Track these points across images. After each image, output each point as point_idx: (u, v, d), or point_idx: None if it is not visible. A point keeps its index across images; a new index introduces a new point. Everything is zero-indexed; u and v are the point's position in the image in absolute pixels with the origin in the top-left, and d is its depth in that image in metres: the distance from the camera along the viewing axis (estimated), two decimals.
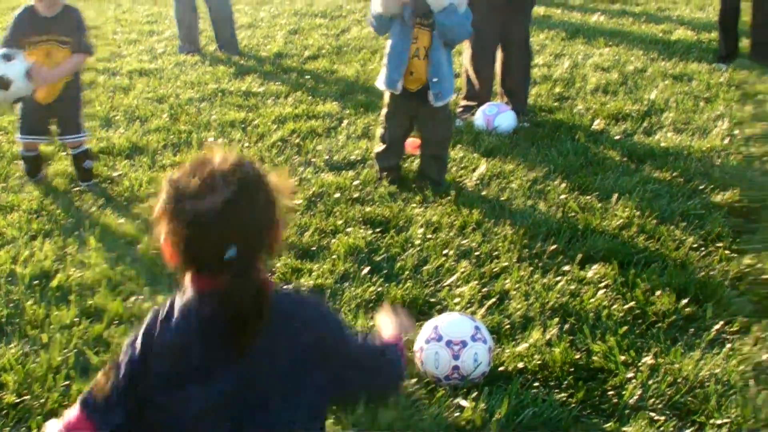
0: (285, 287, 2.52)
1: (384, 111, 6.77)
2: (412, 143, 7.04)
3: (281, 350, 2.40)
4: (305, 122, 8.16)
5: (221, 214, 2.26)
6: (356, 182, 6.78)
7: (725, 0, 10.59)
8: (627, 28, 12.59)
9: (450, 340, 4.36)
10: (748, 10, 10.61)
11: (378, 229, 5.98)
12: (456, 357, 4.31)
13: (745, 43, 10.73)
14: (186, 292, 2.39)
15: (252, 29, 12.63)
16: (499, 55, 8.38)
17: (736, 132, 7.90)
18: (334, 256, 5.63)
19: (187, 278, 2.39)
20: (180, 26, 11.26)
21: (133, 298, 5.19)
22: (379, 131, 6.95)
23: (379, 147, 6.92)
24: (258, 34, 12.23)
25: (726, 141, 7.65)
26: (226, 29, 11.27)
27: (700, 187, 6.67)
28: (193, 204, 2.27)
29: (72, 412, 2.48)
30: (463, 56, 8.49)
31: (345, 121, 8.22)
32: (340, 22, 12.97)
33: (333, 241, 5.86)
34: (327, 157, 7.32)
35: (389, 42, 6.64)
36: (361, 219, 6.17)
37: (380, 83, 6.73)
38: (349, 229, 6.01)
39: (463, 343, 4.33)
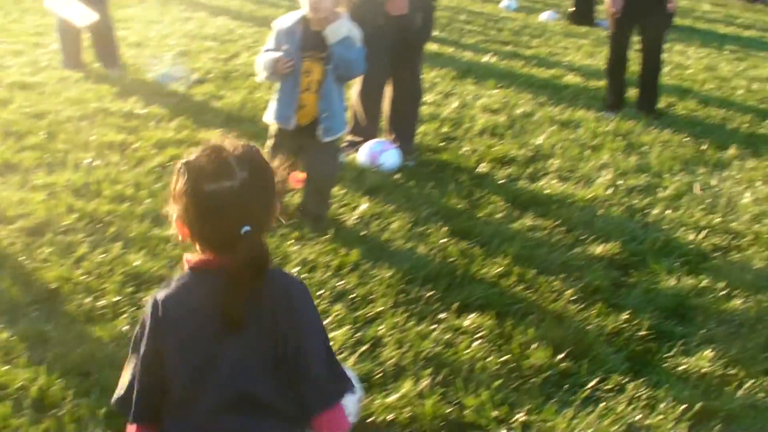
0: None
1: (269, 143, 6.60)
2: (295, 177, 6.87)
3: (271, 322, 2.62)
4: (187, 148, 7.90)
5: (238, 195, 2.54)
6: None
7: (613, 49, 10.70)
8: (518, 70, 12.64)
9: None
10: (636, 60, 10.71)
11: None
12: None
13: (632, 92, 10.81)
14: (185, 276, 2.67)
15: (140, 48, 12.36)
16: (388, 91, 8.26)
17: (620, 183, 7.90)
18: None
19: (186, 258, 2.68)
20: (62, 40, 10.85)
21: None
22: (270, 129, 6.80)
23: (268, 144, 6.71)
24: (145, 54, 11.96)
25: (609, 191, 7.64)
26: (106, 43, 10.90)
27: (582, 237, 6.63)
28: (212, 185, 2.53)
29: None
30: (352, 91, 8.35)
31: None
32: (230, 46, 12.79)
33: None
34: None
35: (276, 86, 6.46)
36: None
37: (269, 117, 6.55)
38: None
39: None
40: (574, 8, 18.06)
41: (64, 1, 10.20)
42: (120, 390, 2.75)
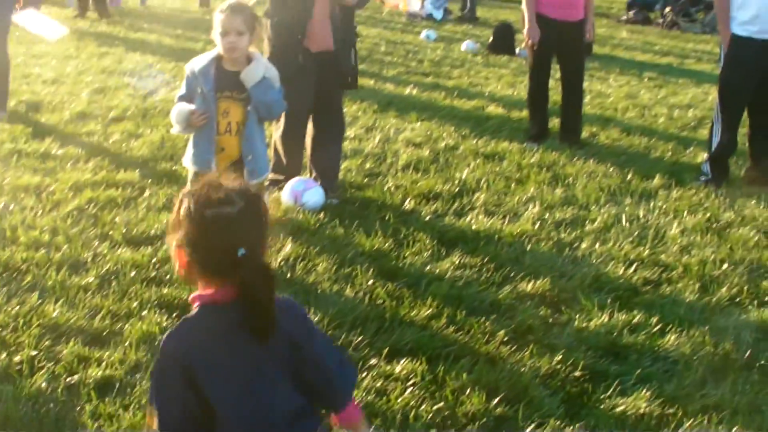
0: None
1: (187, 189, 6.41)
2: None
3: (281, 338, 2.87)
4: (104, 191, 7.68)
5: (236, 221, 2.79)
6: (154, 260, 6.38)
7: (533, 80, 10.70)
8: (440, 102, 12.58)
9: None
10: (557, 88, 10.70)
11: (175, 314, 5.57)
12: None
13: (555, 122, 10.79)
14: (196, 313, 2.89)
15: (56, 85, 12.10)
16: (309, 128, 8.10)
17: (547, 216, 7.82)
18: (126, 344, 5.22)
19: (193, 297, 2.90)
20: None
21: None
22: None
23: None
24: (62, 91, 11.71)
25: (537, 226, 7.55)
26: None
27: (511, 275, 6.52)
28: (213, 211, 2.78)
29: None
30: (273, 129, 8.19)
31: (147, 191, 7.77)
32: (148, 82, 12.57)
33: (126, 326, 5.44)
34: (125, 230, 6.89)
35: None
36: (157, 302, 5.75)
37: (187, 162, 6.37)
38: (144, 313, 5.61)
39: None
40: (492, 38, 18.09)
41: (35, 17, 9.92)
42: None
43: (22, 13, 9.92)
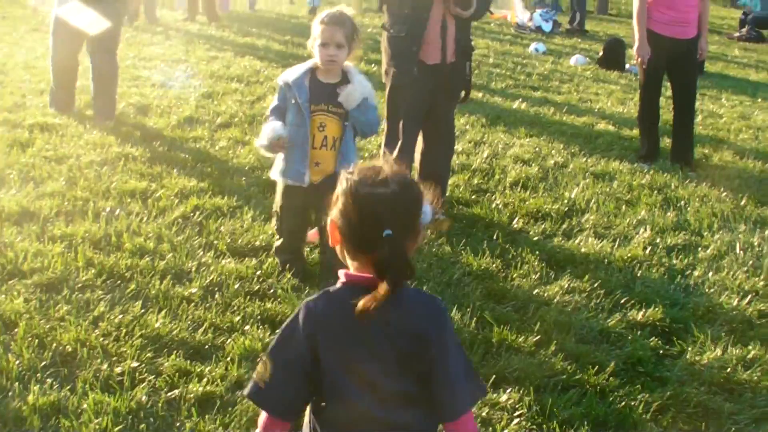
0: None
1: (279, 202, 6.33)
2: (311, 234, 6.60)
3: (403, 327, 3.01)
4: (210, 198, 7.65)
5: (388, 202, 2.93)
6: (258, 272, 6.32)
7: (644, 98, 10.47)
8: (548, 117, 12.39)
9: None
10: (669, 108, 10.45)
11: (277, 330, 5.49)
12: None
13: (667, 142, 10.56)
14: (338, 287, 3.04)
15: (164, 89, 12.15)
16: (419, 142, 7.99)
17: (658, 241, 7.62)
18: (227, 359, 5.16)
19: (341, 273, 3.05)
20: (56, 79, 10.44)
21: (1, 396, 4.67)
22: (274, 223, 6.54)
23: (277, 240, 6.54)
24: (170, 95, 11.74)
25: (647, 251, 7.36)
26: (106, 91, 10.27)
27: (621, 302, 6.35)
28: (370, 190, 2.94)
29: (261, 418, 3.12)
30: (381, 140, 8.09)
31: (252, 200, 7.72)
32: (256, 88, 12.58)
33: (228, 341, 5.38)
34: (230, 240, 6.84)
35: (289, 132, 6.14)
36: (260, 317, 5.68)
37: (275, 174, 6.29)
38: (246, 328, 5.54)
39: None
40: (603, 53, 17.85)
41: (77, 9, 9.95)
42: (259, 383, 3.04)
43: (65, 6, 9.85)
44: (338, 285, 3.06)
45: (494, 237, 7.37)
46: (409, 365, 3.00)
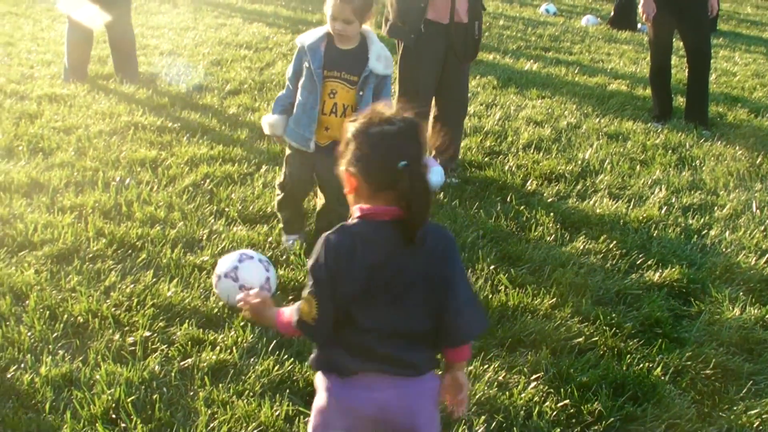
0: None
1: (288, 154, 6.23)
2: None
3: (425, 254, 3.16)
4: (220, 166, 7.58)
5: (397, 136, 3.10)
6: (270, 239, 6.26)
7: (654, 56, 10.37)
8: (560, 78, 12.29)
9: (243, 284, 5.05)
10: (682, 66, 10.33)
11: (291, 297, 5.44)
12: None
13: (680, 101, 10.46)
14: (354, 221, 3.18)
15: (173, 57, 12.07)
16: (433, 105, 7.90)
17: (674, 201, 7.54)
18: (240, 326, 5.09)
19: (356, 209, 3.18)
20: (70, 51, 10.44)
21: (14, 368, 4.63)
22: (278, 177, 6.45)
23: (278, 194, 6.39)
24: (179, 63, 11.66)
25: (663, 211, 7.28)
26: (126, 55, 10.60)
27: (638, 262, 6.28)
28: (378, 128, 3.11)
29: (287, 321, 3.29)
30: (396, 101, 8.01)
31: (263, 167, 7.66)
32: (265, 54, 12.49)
33: None
34: (240, 207, 6.78)
35: (298, 97, 6.02)
36: None
37: (286, 135, 6.21)
38: None
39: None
40: (614, 13, 17.71)
41: (78, 3, 9.91)
42: (307, 321, 3.16)
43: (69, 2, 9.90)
44: (354, 220, 3.19)
45: (508, 199, 7.29)
46: (423, 297, 3.17)
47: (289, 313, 3.28)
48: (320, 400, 3.31)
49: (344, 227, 3.16)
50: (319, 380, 3.32)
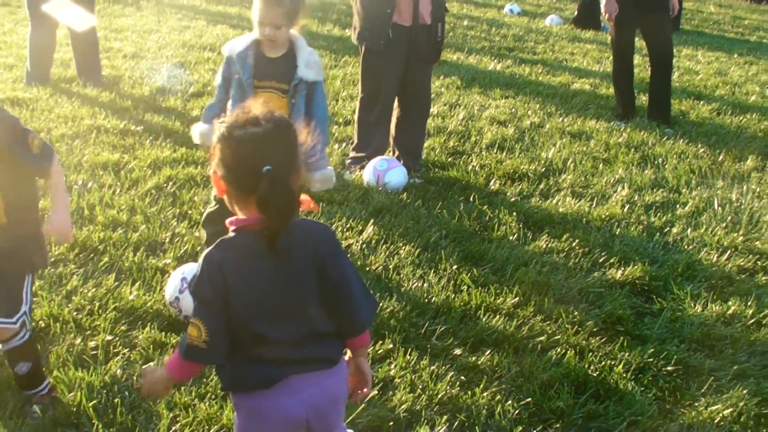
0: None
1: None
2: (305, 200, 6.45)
3: (303, 258, 3.13)
4: (183, 168, 7.56)
5: (262, 139, 3.00)
6: None
7: (617, 55, 10.44)
8: (524, 78, 12.34)
9: (186, 316, 5.02)
10: (645, 65, 10.40)
11: None
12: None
13: (643, 100, 10.51)
14: (231, 235, 3.10)
15: (136, 60, 12.02)
16: (395, 105, 7.91)
17: (636, 199, 7.58)
18: None
19: (228, 222, 3.10)
20: (32, 54, 10.39)
21: None
22: (213, 191, 6.35)
23: (210, 207, 6.00)
24: (142, 66, 11.62)
25: (626, 209, 7.31)
26: (89, 57, 10.57)
27: (600, 261, 6.31)
28: (241, 131, 3.01)
29: (176, 361, 3.20)
30: (356, 105, 8.02)
31: None
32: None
33: None
34: (203, 210, 6.75)
35: (228, 107, 5.71)
36: None
37: (195, 135, 5.96)
38: None
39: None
40: (578, 12, 17.79)
41: (63, 5, 9.89)
42: (198, 345, 3.07)
43: (51, 2, 9.88)
44: (231, 234, 3.12)
45: (471, 199, 7.31)
46: (319, 301, 3.17)
47: (175, 351, 3.22)
48: (244, 421, 3.29)
49: (224, 241, 3.11)
50: (239, 401, 3.29)
